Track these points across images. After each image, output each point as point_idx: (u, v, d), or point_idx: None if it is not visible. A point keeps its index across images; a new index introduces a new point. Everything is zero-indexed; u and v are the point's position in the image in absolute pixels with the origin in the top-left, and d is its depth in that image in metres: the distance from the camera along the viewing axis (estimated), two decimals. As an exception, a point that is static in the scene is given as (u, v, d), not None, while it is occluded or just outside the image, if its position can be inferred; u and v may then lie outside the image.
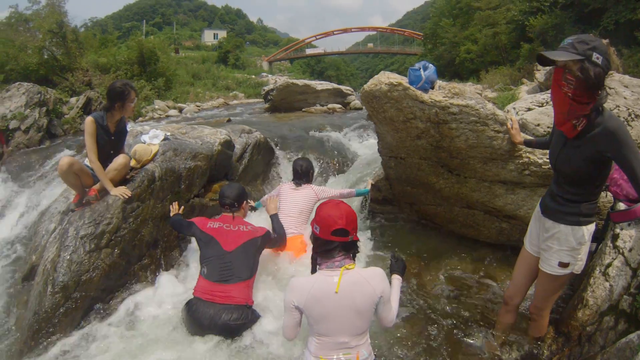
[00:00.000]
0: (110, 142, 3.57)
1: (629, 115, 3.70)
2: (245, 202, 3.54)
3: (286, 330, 2.30)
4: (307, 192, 4.08)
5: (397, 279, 2.55)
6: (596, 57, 1.83)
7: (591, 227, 2.21)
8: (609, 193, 2.90)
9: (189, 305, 2.88)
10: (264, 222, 3.84)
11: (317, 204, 4.08)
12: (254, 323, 2.87)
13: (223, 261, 3.04)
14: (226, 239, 3.15)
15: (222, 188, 3.50)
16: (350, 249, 2.23)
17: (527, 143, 2.99)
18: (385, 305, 2.23)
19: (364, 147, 7.33)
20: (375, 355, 2.31)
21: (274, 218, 3.73)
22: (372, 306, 2.16)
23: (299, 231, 3.90)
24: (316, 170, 6.19)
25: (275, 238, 3.53)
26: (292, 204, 4.03)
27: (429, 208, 4.37)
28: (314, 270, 2.30)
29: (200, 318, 2.79)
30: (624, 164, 1.93)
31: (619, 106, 3.78)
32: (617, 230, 2.65)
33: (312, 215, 3.99)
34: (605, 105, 2.00)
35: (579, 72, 1.85)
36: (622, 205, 2.66)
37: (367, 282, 2.14)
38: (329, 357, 2.15)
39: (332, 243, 2.16)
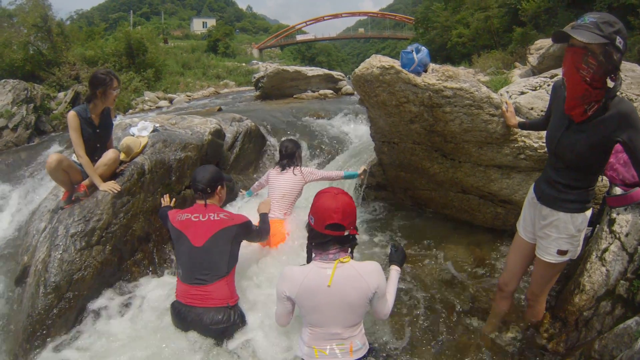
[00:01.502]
0: (96, 135, 3.48)
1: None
2: (220, 186, 3.03)
3: (279, 318, 2.31)
4: (292, 175, 3.95)
5: (395, 270, 2.50)
6: (619, 42, 1.75)
7: (589, 213, 2.17)
8: (604, 177, 2.86)
9: (172, 309, 2.75)
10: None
11: (305, 186, 4.02)
12: (240, 323, 2.68)
13: (193, 259, 2.73)
14: (195, 233, 2.80)
15: (194, 171, 3.09)
16: (345, 243, 2.17)
17: (520, 125, 2.92)
18: (380, 300, 2.19)
19: (356, 132, 7.26)
20: (370, 342, 2.30)
21: (264, 217, 3.41)
22: (365, 301, 2.13)
23: (277, 216, 3.77)
24: (308, 156, 6.16)
25: (257, 231, 3.15)
26: (276, 187, 3.92)
27: (424, 193, 4.35)
28: (309, 260, 2.27)
29: (183, 322, 2.67)
30: (632, 148, 1.86)
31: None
32: (614, 215, 2.63)
33: (299, 199, 3.88)
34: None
35: (602, 56, 1.76)
36: (618, 190, 2.62)
37: (361, 277, 2.10)
38: (322, 347, 2.14)
39: (326, 236, 2.11)
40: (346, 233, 2.13)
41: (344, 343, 2.14)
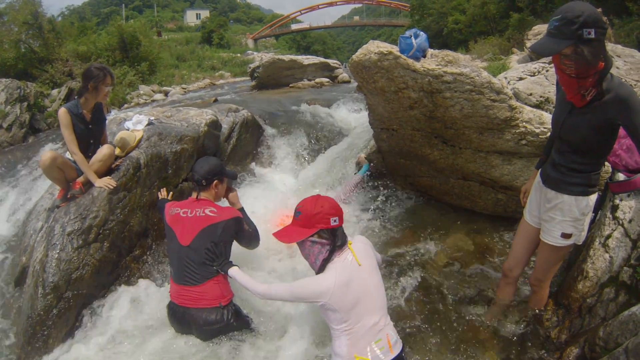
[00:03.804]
0: (89, 131, 3.42)
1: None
2: (217, 181, 2.87)
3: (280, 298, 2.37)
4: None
5: None
6: (587, 33, 1.73)
7: (594, 197, 2.16)
8: (607, 163, 2.83)
9: (168, 310, 2.72)
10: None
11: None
12: (235, 322, 2.64)
13: (182, 259, 2.65)
14: (182, 230, 2.69)
15: (197, 161, 2.98)
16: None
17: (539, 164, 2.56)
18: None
19: (353, 119, 7.20)
20: None
21: (242, 212, 3.08)
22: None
23: None
24: (305, 146, 6.13)
25: (249, 232, 2.94)
26: None
27: (424, 180, 4.31)
28: (321, 270, 2.17)
29: (178, 323, 2.65)
30: (634, 131, 1.86)
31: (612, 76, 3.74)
32: (617, 201, 2.60)
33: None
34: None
35: (574, 55, 1.79)
36: (621, 176, 2.61)
37: (370, 248, 2.34)
38: (362, 353, 2.09)
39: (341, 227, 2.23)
40: None
41: (381, 339, 2.11)
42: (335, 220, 2.14)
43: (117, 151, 3.67)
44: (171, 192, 3.68)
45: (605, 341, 2.10)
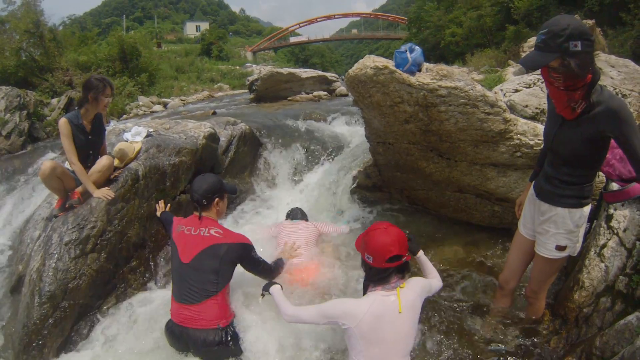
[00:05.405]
0: (88, 142, 3.44)
1: (617, 95, 3.68)
2: (218, 198, 2.84)
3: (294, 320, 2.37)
4: (307, 225, 3.96)
5: (422, 254, 2.59)
6: (573, 46, 1.77)
7: (587, 209, 2.18)
8: (600, 173, 2.86)
9: (166, 328, 2.67)
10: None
11: (318, 236, 3.95)
12: (233, 344, 2.57)
13: (182, 276, 2.63)
14: (184, 248, 2.68)
15: (194, 179, 2.94)
16: (404, 270, 2.27)
17: (533, 177, 2.63)
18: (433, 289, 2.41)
19: (350, 133, 7.22)
20: None
21: (279, 261, 3.16)
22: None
23: (311, 259, 3.69)
24: (303, 159, 6.14)
25: (264, 265, 2.89)
26: (297, 236, 3.84)
27: (420, 193, 4.33)
28: (365, 290, 2.30)
29: (177, 342, 2.61)
30: (625, 144, 1.89)
31: (606, 86, 3.77)
32: (611, 211, 2.62)
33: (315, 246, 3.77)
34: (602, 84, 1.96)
35: (561, 67, 1.82)
36: (615, 186, 2.63)
37: (418, 297, 2.23)
38: None
39: (387, 270, 2.17)
40: (403, 260, 2.21)
41: None
42: (368, 258, 2.18)
43: (116, 162, 3.69)
44: (169, 205, 3.70)
45: (602, 350, 2.11)
